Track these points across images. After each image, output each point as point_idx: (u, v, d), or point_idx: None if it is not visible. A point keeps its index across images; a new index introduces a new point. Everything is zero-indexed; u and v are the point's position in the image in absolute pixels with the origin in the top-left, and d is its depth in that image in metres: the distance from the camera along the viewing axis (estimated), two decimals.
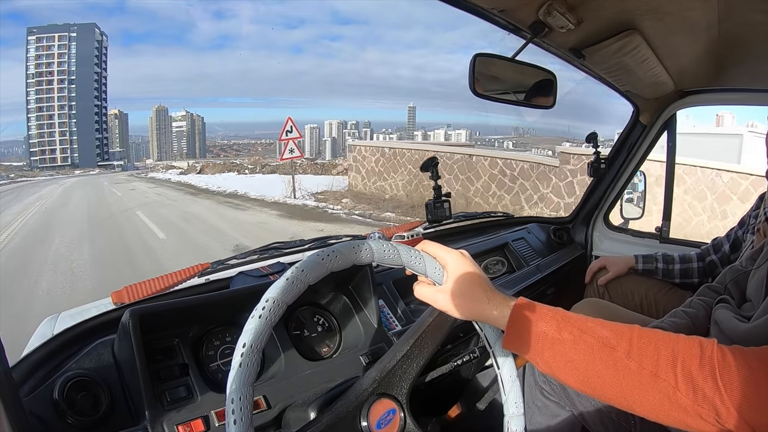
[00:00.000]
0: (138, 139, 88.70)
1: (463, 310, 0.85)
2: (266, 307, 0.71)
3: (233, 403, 0.67)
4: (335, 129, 72.89)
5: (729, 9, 1.33)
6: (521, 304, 0.83)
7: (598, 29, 1.52)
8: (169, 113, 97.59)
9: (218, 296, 1.28)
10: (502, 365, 0.96)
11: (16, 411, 0.68)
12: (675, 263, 2.15)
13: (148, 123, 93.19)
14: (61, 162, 74.17)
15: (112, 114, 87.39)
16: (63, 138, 77.62)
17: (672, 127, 2.46)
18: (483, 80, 1.57)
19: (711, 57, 1.79)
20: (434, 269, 0.89)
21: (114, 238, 11.57)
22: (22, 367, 1.03)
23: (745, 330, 1.25)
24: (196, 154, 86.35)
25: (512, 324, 0.82)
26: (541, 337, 0.80)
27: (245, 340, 0.69)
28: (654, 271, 2.17)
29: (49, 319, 1.45)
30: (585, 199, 2.84)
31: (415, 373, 0.89)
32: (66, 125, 78.08)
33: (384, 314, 1.54)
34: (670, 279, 2.14)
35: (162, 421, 0.99)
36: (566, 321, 0.81)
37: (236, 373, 0.68)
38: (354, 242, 0.82)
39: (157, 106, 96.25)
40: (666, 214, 2.61)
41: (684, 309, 1.51)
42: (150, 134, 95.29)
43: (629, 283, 2.29)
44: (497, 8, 1.39)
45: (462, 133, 57.91)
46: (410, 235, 1.90)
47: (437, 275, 0.90)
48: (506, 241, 2.39)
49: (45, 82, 77.32)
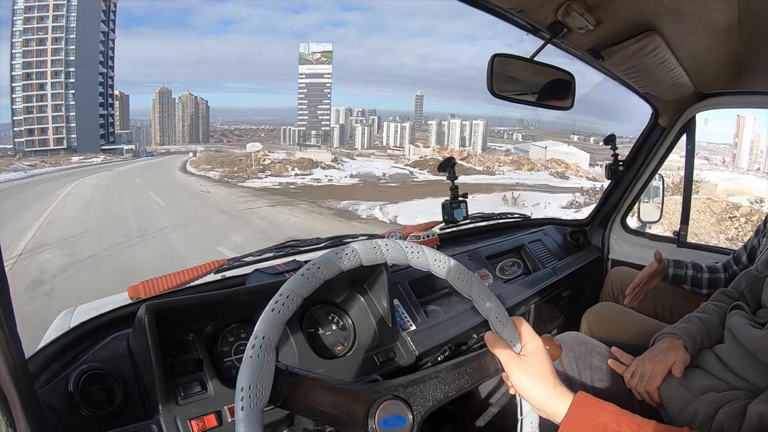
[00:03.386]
0: (137, 123, 77.21)
1: (529, 391, 0.89)
2: (278, 300, 0.72)
3: (242, 391, 0.67)
4: (342, 116, 71.51)
5: (749, 10, 1.31)
6: (582, 398, 0.87)
7: (617, 30, 1.51)
8: (172, 96, 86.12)
9: (234, 293, 1.29)
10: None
11: (31, 402, 0.69)
12: (704, 272, 2.11)
13: (150, 105, 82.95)
14: (55, 145, 56.98)
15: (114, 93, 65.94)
16: (57, 114, 58.55)
17: (691, 129, 2.43)
18: (501, 80, 1.57)
19: (731, 59, 1.77)
20: (513, 333, 0.93)
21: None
22: (38, 359, 1.05)
23: (759, 337, 1.23)
24: (199, 139, 79.94)
25: (572, 414, 0.85)
26: (602, 428, 0.83)
27: (259, 332, 0.70)
28: (683, 278, 2.12)
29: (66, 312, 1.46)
30: (602, 201, 2.82)
31: (440, 398, 0.88)
32: (61, 97, 58.82)
33: (399, 314, 1.54)
34: (698, 288, 2.10)
35: (175, 415, 1.00)
36: (625, 415, 0.84)
37: (248, 363, 0.69)
38: (404, 243, 0.84)
39: (160, 88, 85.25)
40: (684, 218, 2.58)
41: (697, 314, 1.49)
42: (152, 117, 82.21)
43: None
44: (516, 8, 1.39)
45: (480, 124, 57.14)
46: (426, 236, 1.90)
47: (513, 338, 0.93)
48: (523, 242, 2.37)
49: (36, 42, 58.03)
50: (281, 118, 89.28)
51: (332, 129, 74.06)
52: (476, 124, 64.17)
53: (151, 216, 17.30)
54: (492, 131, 29.84)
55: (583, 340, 1.58)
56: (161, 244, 12.92)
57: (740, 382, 1.25)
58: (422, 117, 78.55)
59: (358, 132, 73.63)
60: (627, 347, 1.51)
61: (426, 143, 63.43)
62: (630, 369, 1.40)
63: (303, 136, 71.77)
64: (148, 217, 16.92)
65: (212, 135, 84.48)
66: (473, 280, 0.92)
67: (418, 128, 72.15)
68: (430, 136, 67.76)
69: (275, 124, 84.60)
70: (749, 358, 1.24)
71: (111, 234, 14.40)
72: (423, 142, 64.60)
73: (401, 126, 70.63)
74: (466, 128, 65.12)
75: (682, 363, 1.33)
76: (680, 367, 1.32)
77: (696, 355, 1.38)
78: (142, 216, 17.15)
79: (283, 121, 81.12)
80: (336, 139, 71.86)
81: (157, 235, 14.13)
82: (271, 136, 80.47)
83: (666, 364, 1.34)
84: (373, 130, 73.30)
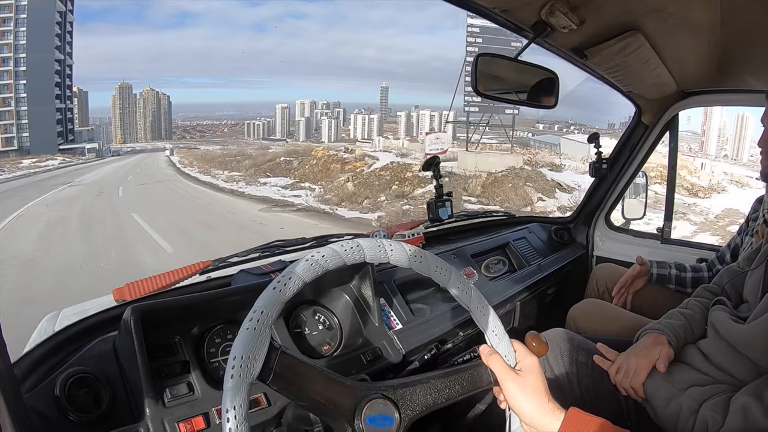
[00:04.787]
0: (96, 121, 71.21)
1: (522, 406, 0.90)
2: (281, 281, 0.74)
3: (234, 360, 0.68)
4: (307, 109, 69.66)
5: (732, 10, 1.33)
6: (574, 414, 0.88)
7: (601, 29, 1.52)
8: (133, 91, 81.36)
9: (219, 294, 1.29)
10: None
11: (17, 407, 0.68)
12: (687, 272, 2.14)
13: (110, 102, 77.91)
14: (3, 146, 47.78)
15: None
16: (5, 109, 49.03)
17: (674, 127, 2.46)
18: (485, 80, 1.57)
19: (714, 58, 1.79)
20: (508, 348, 0.94)
21: None
22: (23, 364, 1.04)
23: (741, 331, 1.25)
24: (162, 136, 75.50)
25: (565, 430, 0.87)
26: None
27: (258, 306, 0.72)
28: (667, 278, 2.15)
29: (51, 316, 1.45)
30: (586, 199, 2.84)
31: (430, 404, 0.88)
32: (10, 89, 48.67)
33: (385, 313, 1.54)
34: (683, 287, 2.13)
35: (162, 417, 0.99)
36: (618, 430, 0.86)
37: (244, 335, 0.70)
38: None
39: (120, 83, 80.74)
40: (667, 214, 2.61)
41: (680, 310, 1.51)
42: (113, 114, 76.95)
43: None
44: (500, 8, 1.39)
45: (450, 115, 56.93)
46: (411, 234, 1.90)
47: (508, 353, 0.94)
48: (507, 240, 2.39)
49: None
50: (242, 112, 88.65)
51: (298, 122, 72.37)
52: (446, 114, 63.92)
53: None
54: (459, 121, 29.85)
55: (569, 336, 1.59)
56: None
57: (723, 375, 1.26)
58: (387, 108, 77.51)
59: (324, 125, 72.97)
60: (612, 343, 1.52)
61: (396, 135, 63.01)
62: (615, 365, 1.41)
63: (267, 130, 71.16)
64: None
65: (174, 131, 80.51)
66: (473, 293, 0.92)
67: (385, 120, 71.26)
68: (399, 128, 67.44)
69: (237, 119, 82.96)
70: (732, 352, 1.26)
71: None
72: (392, 133, 64.37)
73: (369, 118, 69.83)
74: (435, 119, 64.62)
75: (667, 358, 1.35)
76: (664, 362, 1.34)
77: (680, 350, 1.40)
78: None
79: (245, 116, 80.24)
80: (302, 133, 70.59)
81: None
82: (235, 131, 78.84)
83: (650, 360, 1.35)
84: (339, 122, 72.70)
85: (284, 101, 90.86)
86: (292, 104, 76.40)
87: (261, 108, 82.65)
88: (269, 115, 78.58)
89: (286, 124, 75.43)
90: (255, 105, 67.26)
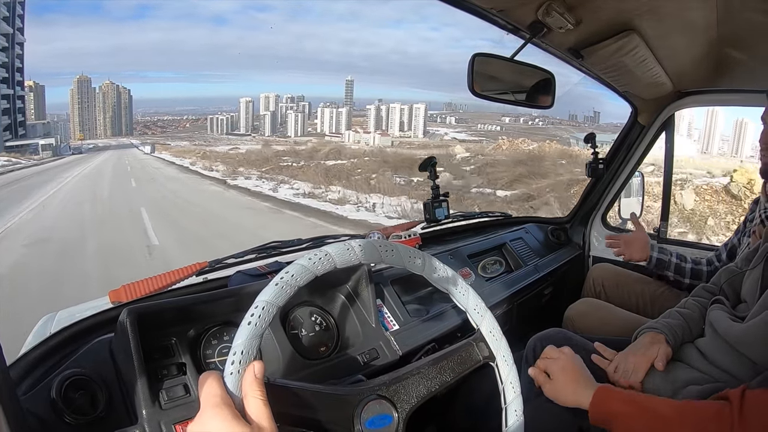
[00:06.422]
0: (54, 118, 66.40)
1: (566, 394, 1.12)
2: (254, 313, 0.72)
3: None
4: (272, 103, 67.85)
5: (728, 10, 1.33)
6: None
7: (597, 30, 1.52)
8: (92, 85, 77.28)
9: (216, 295, 1.28)
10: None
11: (13, 410, 0.68)
12: (687, 262, 2.14)
13: (68, 97, 73.95)
14: None
15: (27, 85, 44.88)
16: None
17: (670, 127, 2.47)
18: (481, 80, 1.57)
19: (710, 58, 1.79)
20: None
21: None
22: (19, 366, 1.03)
23: (739, 330, 1.25)
24: (122, 132, 73.27)
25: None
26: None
27: (236, 347, 0.70)
28: (667, 264, 2.15)
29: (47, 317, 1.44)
30: (583, 199, 2.85)
31: (424, 394, 0.88)
32: None
33: (381, 314, 1.54)
34: (681, 276, 2.13)
35: (159, 419, 0.99)
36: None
37: (229, 380, 0.69)
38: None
39: (79, 76, 76.77)
40: (664, 214, 2.61)
41: (678, 309, 1.51)
42: (71, 109, 72.83)
43: (626, 283, 2.30)
44: (496, 8, 1.39)
45: (420, 108, 55.90)
46: (407, 235, 1.90)
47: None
48: (504, 241, 2.39)
49: None
50: (203, 107, 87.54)
51: (263, 116, 71.41)
52: (417, 108, 63.41)
53: None
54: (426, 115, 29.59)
55: (567, 336, 1.59)
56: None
57: (721, 374, 1.27)
58: (352, 102, 76.86)
59: (290, 119, 72.04)
60: (610, 342, 1.52)
61: (366, 128, 63.06)
62: (613, 364, 1.42)
63: (231, 125, 70.39)
64: None
65: (134, 127, 78.51)
66: (449, 274, 0.94)
67: (355, 113, 70.63)
68: (368, 121, 66.93)
69: (198, 114, 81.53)
70: (729, 351, 1.27)
71: None
72: (362, 127, 64.22)
73: (337, 111, 69.27)
74: (405, 112, 64.22)
75: (665, 357, 1.35)
76: (662, 360, 1.34)
77: (678, 348, 1.40)
78: None
79: (206, 111, 79.16)
80: (268, 127, 69.76)
81: None
82: (197, 126, 77.38)
83: (648, 358, 1.36)
84: (305, 116, 72.07)
85: (248, 95, 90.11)
86: (257, 98, 75.38)
87: (224, 102, 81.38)
88: (232, 109, 77.47)
89: (250, 118, 74.18)
90: (218, 99, 66.48)
